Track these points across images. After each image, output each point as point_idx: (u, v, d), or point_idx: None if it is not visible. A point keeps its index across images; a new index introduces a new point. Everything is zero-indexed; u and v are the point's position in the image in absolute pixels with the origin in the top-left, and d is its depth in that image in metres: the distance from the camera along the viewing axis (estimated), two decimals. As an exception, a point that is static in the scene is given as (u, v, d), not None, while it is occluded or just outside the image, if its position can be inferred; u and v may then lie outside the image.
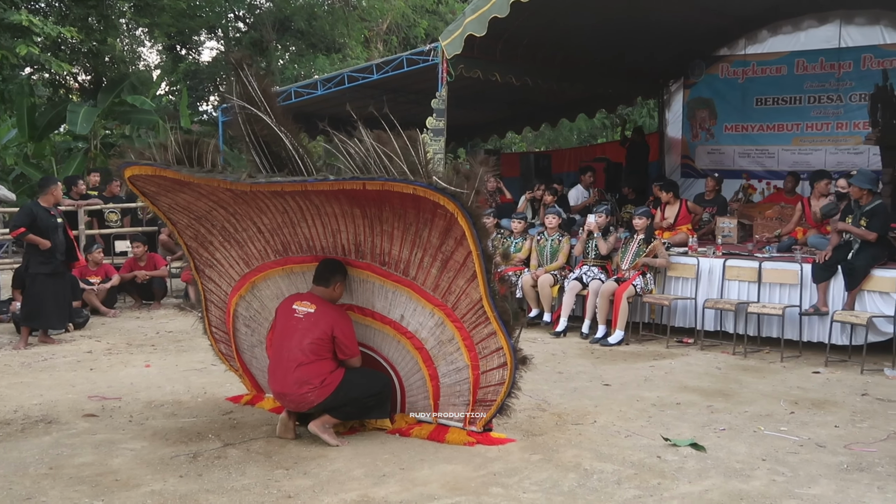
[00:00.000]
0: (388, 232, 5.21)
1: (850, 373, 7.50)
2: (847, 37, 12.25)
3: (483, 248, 4.98)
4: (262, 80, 4.92)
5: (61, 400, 6.41)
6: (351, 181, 4.69)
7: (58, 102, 17.98)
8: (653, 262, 8.97)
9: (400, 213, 5.05)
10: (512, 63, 11.08)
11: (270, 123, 4.83)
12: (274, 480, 4.70)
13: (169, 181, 5.22)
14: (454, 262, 5.12)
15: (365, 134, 4.73)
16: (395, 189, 4.71)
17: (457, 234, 4.97)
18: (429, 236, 5.10)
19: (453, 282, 5.20)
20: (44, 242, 8.59)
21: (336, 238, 5.41)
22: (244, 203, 5.37)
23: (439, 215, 4.92)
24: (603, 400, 6.45)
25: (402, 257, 5.27)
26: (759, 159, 13.39)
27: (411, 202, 4.89)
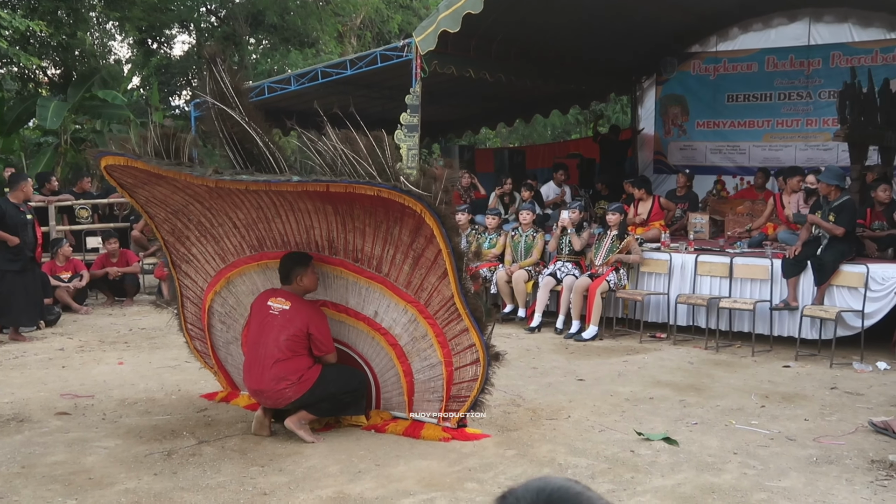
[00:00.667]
0: (359, 229, 5.22)
1: (819, 367, 7.61)
2: (816, 34, 12.41)
3: (453, 245, 5.00)
4: (235, 76, 4.92)
5: (33, 398, 6.35)
6: (314, 183, 4.70)
7: (27, 97, 17.74)
8: (626, 258, 9.04)
9: (370, 210, 5.07)
10: (486, 59, 11.09)
11: (241, 121, 4.83)
12: (249, 478, 4.70)
13: (143, 173, 5.20)
14: (425, 260, 5.15)
15: (332, 134, 4.73)
16: (358, 191, 4.72)
17: (426, 232, 4.99)
18: (399, 234, 5.12)
19: (425, 279, 5.22)
20: (12, 239, 8.50)
21: (310, 234, 5.42)
22: (219, 198, 5.36)
23: (408, 213, 4.94)
24: (577, 395, 6.49)
25: (374, 254, 5.28)
26: (730, 155, 13.53)
27: (380, 201, 4.91)
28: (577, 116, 22.60)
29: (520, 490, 1.23)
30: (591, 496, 1.21)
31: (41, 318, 9.15)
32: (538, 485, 1.23)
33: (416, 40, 10.01)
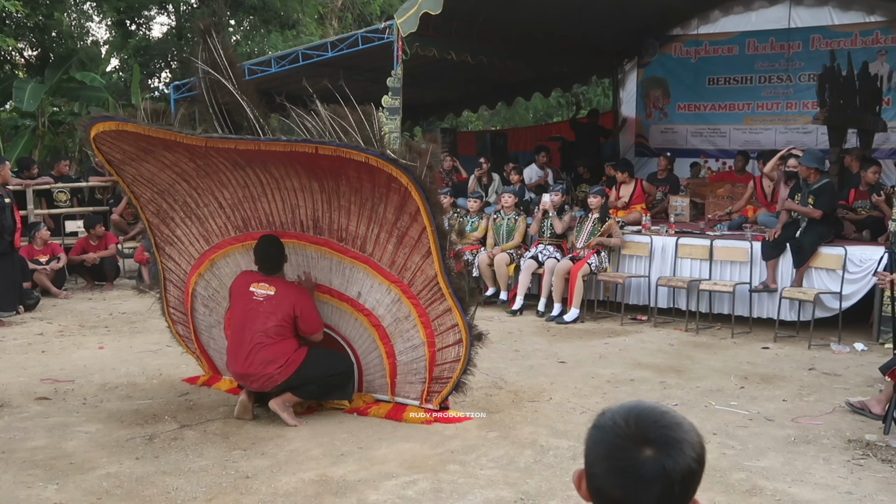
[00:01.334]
0: (345, 207, 5.23)
1: (797, 348, 7.69)
2: (797, 17, 12.44)
3: (437, 224, 5.02)
4: (228, 49, 4.95)
5: (13, 383, 6.31)
6: (304, 143, 4.71)
7: (3, 79, 17.51)
8: (607, 241, 9.07)
9: (356, 186, 5.07)
10: (467, 41, 11.05)
11: (233, 91, 4.85)
12: (231, 461, 4.70)
13: (132, 145, 5.18)
14: (409, 239, 5.16)
15: (321, 108, 4.74)
16: (348, 156, 4.71)
17: (411, 209, 5.00)
18: (384, 212, 5.13)
19: (409, 258, 5.23)
20: None
21: (295, 213, 5.43)
22: (206, 176, 5.36)
23: (394, 189, 4.95)
24: (558, 377, 6.53)
25: (358, 233, 5.29)
26: (710, 138, 13.58)
27: (367, 174, 4.92)
28: (560, 99, 22.57)
29: (615, 407, 1.45)
30: (676, 415, 1.42)
31: (20, 303, 9.08)
32: (630, 404, 1.45)
33: (397, 22, 9.95)
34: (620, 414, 1.42)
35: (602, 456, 1.40)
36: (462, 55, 10.96)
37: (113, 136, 5.18)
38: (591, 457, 1.42)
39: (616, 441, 1.39)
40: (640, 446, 1.36)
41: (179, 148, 5.19)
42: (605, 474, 1.38)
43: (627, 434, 1.38)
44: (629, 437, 1.38)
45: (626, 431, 1.39)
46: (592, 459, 1.42)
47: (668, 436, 1.37)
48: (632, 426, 1.39)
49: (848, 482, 4.46)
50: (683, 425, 1.41)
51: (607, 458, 1.39)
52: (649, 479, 1.35)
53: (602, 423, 1.43)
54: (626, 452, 1.37)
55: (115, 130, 5.07)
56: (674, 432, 1.38)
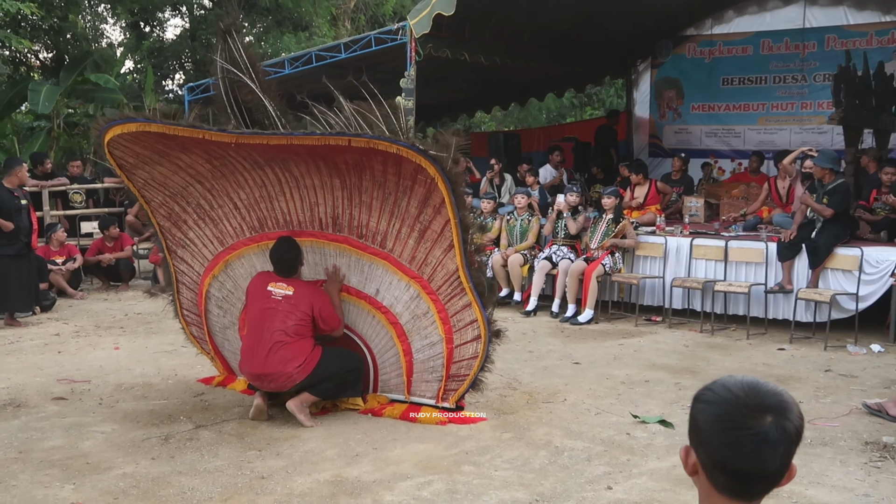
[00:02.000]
0: (366, 203, 5.25)
1: (813, 349, 7.64)
2: (811, 17, 12.38)
3: (461, 216, 5.04)
4: (249, 48, 4.98)
5: (29, 383, 6.35)
6: (337, 136, 4.72)
7: (18, 80, 17.60)
8: (621, 242, 9.05)
9: (380, 181, 5.09)
10: (480, 42, 11.05)
11: (255, 89, 4.88)
12: (247, 461, 4.71)
13: (148, 149, 5.19)
14: (432, 232, 5.17)
15: (345, 104, 4.78)
16: (379, 147, 4.74)
17: (435, 201, 5.03)
18: (407, 205, 5.15)
19: (430, 252, 5.24)
20: (6, 224, 8.47)
21: (314, 212, 5.45)
22: (222, 177, 5.38)
23: (419, 182, 4.98)
24: (573, 378, 6.52)
25: (379, 229, 5.31)
26: (725, 139, 13.52)
27: (393, 167, 4.95)
28: (573, 100, 22.55)
29: (718, 383, 1.54)
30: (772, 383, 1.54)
31: (36, 304, 9.13)
32: (733, 378, 1.54)
33: (410, 23, 9.96)
34: (733, 386, 1.50)
35: (726, 428, 1.46)
36: (475, 56, 10.96)
37: (128, 140, 5.19)
38: (708, 431, 1.48)
39: (739, 411, 1.46)
40: (763, 413, 1.46)
41: (197, 149, 5.21)
42: (730, 445, 1.46)
43: (748, 404, 1.47)
44: (750, 406, 1.47)
45: (747, 401, 1.47)
46: (711, 434, 1.48)
47: (781, 400, 1.49)
48: (751, 396, 1.48)
49: (865, 484, 4.43)
50: (783, 391, 1.52)
51: (732, 428, 1.46)
52: (774, 442, 1.45)
53: (715, 397, 1.50)
54: (751, 421, 1.45)
55: (134, 132, 5.08)
56: (783, 397, 1.50)
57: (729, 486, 1.49)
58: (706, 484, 1.52)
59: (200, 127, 4.90)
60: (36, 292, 9.05)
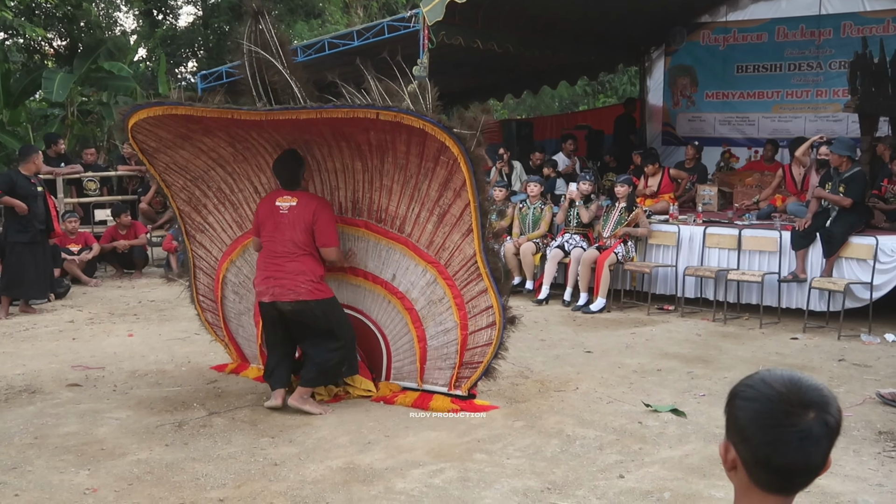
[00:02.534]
0: (387, 186, 5.29)
1: (827, 339, 7.61)
2: (827, 4, 12.25)
3: (481, 200, 5.05)
4: (279, 30, 5.03)
5: (44, 370, 6.40)
6: (366, 109, 4.75)
7: (33, 69, 17.68)
8: (634, 231, 9.02)
9: (402, 163, 5.14)
10: (493, 30, 11.00)
11: (282, 69, 4.91)
12: (260, 448, 4.74)
13: (172, 135, 5.28)
14: (451, 216, 5.20)
15: (373, 83, 4.80)
16: (405, 122, 4.77)
17: (456, 184, 5.05)
18: (428, 188, 5.18)
19: (448, 237, 5.26)
20: (20, 205, 8.49)
21: (334, 196, 5.50)
22: (244, 161, 5.43)
23: (441, 164, 5.01)
24: (585, 367, 6.51)
25: (398, 213, 5.35)
26: (739, 126, 13.43)
27: (416, 147, 4.99)
28: (586, 88, 22.46)
29: (757, 378, 1.54)
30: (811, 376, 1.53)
31: (51, 291, 9.19)
32: (773, 373, 1.54)
33: (423, 11, 9.92)
34: (773, 382, 1.50)
35: (770, 425, 1.46)
36: (488, 44, 10.92)
37: (152, 123, 5.24)
38: (750, 429, 1.48)
39: (781, 408, 1.47)
40: (806, 409, 1.46)
41: (220, 132, 5.27)
42: (774, 442, 1.46)
43: (791, 400, 1.47)
44: (793, 402, 1.47)
45: (789, 398, 1.47)
46: (753, 431, 1.48)
47: (822, 395, 1.49)
48: (792, 392, 1.48)
49: (879, 474, 4.42)
50: (822, 384, 1.52)
51: (776, 426, 1.46)
52: (818, 438, 1.46)
53: (756, 394, 1.50)
54: (795, 418, 1.46)
55: (160, 116, 5.11)
56: (823, 391, 1.50)
57: (770, 482, 1.49)
58: (745, 479, 1.52)
59: (229, 107, 4.93)
60: (51, 279, 9.11)
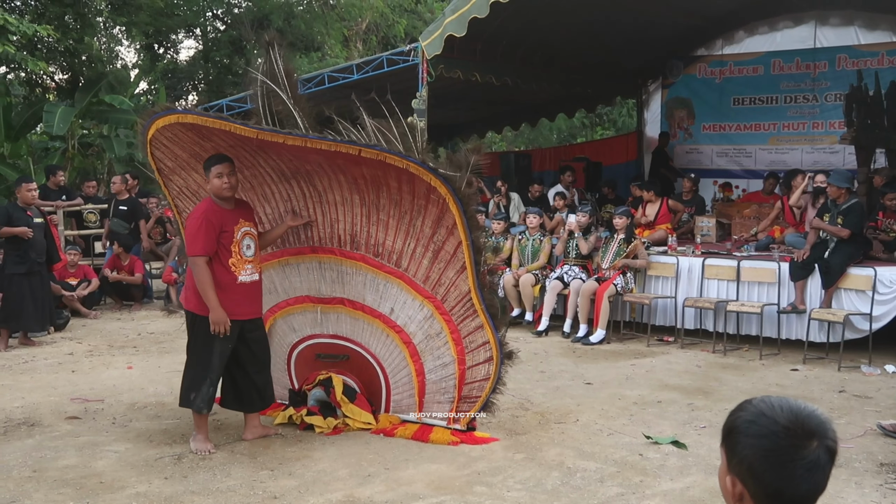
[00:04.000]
0: (383, 221, 5.34)
1: (827, 370, 7.60)
2: (822, 37, 12.41)
3: (473, 238, 5.10)
4: (287, 63, 5.11)
5: (43, 402, 6.38)
6: (349, 144, 4.83)
7: (34, 102, 17.78)
8: (633, 263, 9.04)
9: (396, 199, 5.19)
10: (492, 63, 11.12)
11: (286, 100, 4.99)
12: (259, 481, 4.72)
13: (186, 153, 5.38)
14: (445, 253, 5.23)
15: (367, 120, 4.87)
16: (389, 161, 4.83)
17: (448, 222, 5.11)
18: (422, 225, 5.23)
19: (443, 273, 5.29)
20: (22, 231, 8.44)
21: (334, 228, 5.53)
22: (250, 189, 5.50)
23: (432, 202, 5.06)
24: (585, 398, 6.50)
25: (395, 248, 5.38)
26: (736, 158, 13.53)
27: (407, 185, 5.05)
28: (583, 120, 22.60)
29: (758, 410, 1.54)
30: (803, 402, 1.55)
31: (51, 323, 9.17)
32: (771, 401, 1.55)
33: (422, 45, 10.03)
34: (777, 416, 1.51)
35: (782, 461, 1.48)
36: (486, 77, 11.03)
37: (168, 139, 5.31)
38: (761, 466, 1.50)
39: (790, 442, 1.48)
40: (810, 439, 1.49)
41: (229, 155, 5.34)
42: (786, 477, 1.48)
43: (797, 433, 1.49)
44: (799, 434, 1.49)
45: (795, 430, 1.49)
46: (765, 468, 1.49)
47: (820, 420, 1.51)
48: (796, 423, 1.50)
49: (881, 506, 4.40)
50: (815, 408, 1.55)
51: (788, 461, 1.48)
52: (824, 465, 1.49)
53: (763, 430, 1.51)
54: (802, 450, 1.48)
55: (174, 125, 5.17)
56: (820, 416, 1.52)
57: None
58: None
59: (228, 120, 5.01)
60: (51, 311, 9.08)
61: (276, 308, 5.92)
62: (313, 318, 5.81)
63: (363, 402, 5.70)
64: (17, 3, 17.44)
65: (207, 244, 5.08)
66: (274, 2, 21.62)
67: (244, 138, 5.08)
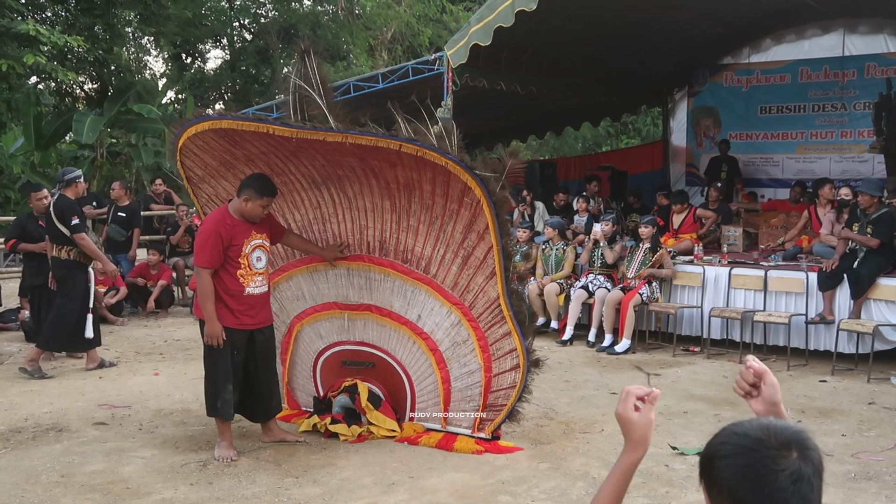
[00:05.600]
0: (413, 227, 5.35)
1: (856, 381, 7.51)
2: (851, 45, 12.29)
3: (504, 243, 5.10)
4: (322, 70, 5.17)
5: (71, 408, 6.44)
6: (389, 139, 4.83)
7: (64, 111, 18.06)
8: (658, 272, 8.99)
9: (428, 204, 5.20)
10: (517, 72, 11.12)
11: (322, 105, 5.07)
12: (284, 488, 4.73)
13: (216, 161, 5.44)
14: (475, 259, 5.24)
15: (403, 124, 4.89)
16: (428, 157, 4.84)
17: (479, 227, 5.12)
18: (452, 230, 5.24)
19: (472, 279, 5.30)
20: (38, 247, 8.41)
21: (363, 234, 5.56)
22: (280, 196, 5.57)
23: (465, 206, 5.08)
24: (610, 408, 6.46)
25: (424, 254, 5.40)
26: (763, 167, 13.41)
27: (441, 187, 5.06)
28: (609, 129, 22.55)
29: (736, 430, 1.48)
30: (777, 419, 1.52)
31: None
32: (746, 423, 1.49)
33: (447, 53, 10.05)
34: (747, 431, 1.45)
35: (761, 476, 1.41)
36: (511, 85, 11.03)
37: (199, 147, 5.37)
38: (742, 488, 1.42)
39: (766, 454, 1.42)
40: (788, 449, 1.42)
41: (260, 161, 5.43)
42: (770, 494, 1.40)
43: (771, 443, 1.43)
44: (773, 445, 1.42)
45: (768, 442, 1.43)
46: (746, 489, 1.42)
47: (796, 431, 1.46)
48: (770, 435, 1.44)
49: (912, 520, 4.33)
50: (788, 420, 1.52)
51: (768, 475, 1.40)
52: (809, 476, 1.42)
53: (736, 449, 1.44)
54: (782, 460, 1.41)
55: (207, 138, 5.23)
56: (795, 428, 1.47)
57: None
58: None
59: (265, 121, 5.05)
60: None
61: (303, 315, 5.95)
62: (340, 325, 5.83)
63: (388, 410, 5.71)
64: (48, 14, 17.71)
65: (213, 257, 5.15)
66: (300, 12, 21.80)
67: (278, 143, 5.13)
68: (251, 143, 5.24)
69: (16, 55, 14.19)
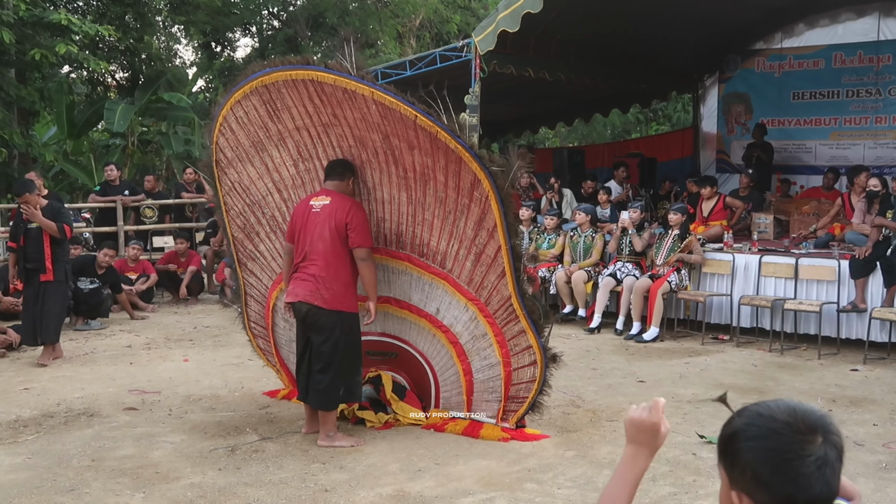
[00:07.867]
0: (428, 221, 5.34)
1: (889, 370, 7.40)
2: (886, 30, 12.06)
3: (512, 244, 5.07)
4: (360, 58, 5.18)
5: (102, 393, 6.53)
6: (410, 106, 4.84)
7: (96, 100, 18.21)
8: (688, 257, 8.91)
9: (441, 196, 5.20)
10: (545, 58, 11.05)
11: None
12: (311, 474, 4.76)
13: (249, 141, 5.59)
14: (486, 257, 5.22)
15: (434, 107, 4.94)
16: (440, 137, 4.85)
17: (489, 224, 5.09)
18: (464, 226, 5.21)
19: (485, 276, 5.28)
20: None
21: (380, 227, 5.56)
22: (300, 185, 5.61)
23: (475, 200, 5.06)
24: (637, 396, 6.42)
25: (439, 249, 5.38)
26: (796, 154, 13.23)
27: (453, 179, 5.05)
28: (638, 115, 22.35)
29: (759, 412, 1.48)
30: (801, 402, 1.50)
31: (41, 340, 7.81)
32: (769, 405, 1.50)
33: (475, 40, 10.00)
34: (774, 413, 1.46)
35: (787, 460, 1.40)
36: (539, 72, 10.97)
37: (238, 120, 5.53)
38: (766, 470, 1.41)
39: (793, 438, 1.41)
40: (814, 434, 1.42)
41: (290, 141, 5.51)
42: (795, 478, 1.40)
43: (799, 427, 1.42)
44: (801, 429, 1.42)
45: (796, 426, 1.43)
46: (771, 472, 1.41)
47: (820, 415, 1.45)
48: (797, 419, 1.44)
49: (944, 512, 4.27)
50: (810, 404, 1.50)
51: (794, 459, 1.40)
52: (833, 461, 1.42)
53: (763, 431, 1.44)
54: (809, 446, 1.41)
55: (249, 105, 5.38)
56: (819, 412, 1.47)
57: None
58: None
59: (315, 68, 5.10)
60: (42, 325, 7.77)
61: None
62: (361, 316, 5.84)
63: (413, 399, 5.72)
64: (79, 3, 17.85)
65: None
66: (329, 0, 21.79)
67: (317, 110, 5.23)
68: (291, 112, 5.32)
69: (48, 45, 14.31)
